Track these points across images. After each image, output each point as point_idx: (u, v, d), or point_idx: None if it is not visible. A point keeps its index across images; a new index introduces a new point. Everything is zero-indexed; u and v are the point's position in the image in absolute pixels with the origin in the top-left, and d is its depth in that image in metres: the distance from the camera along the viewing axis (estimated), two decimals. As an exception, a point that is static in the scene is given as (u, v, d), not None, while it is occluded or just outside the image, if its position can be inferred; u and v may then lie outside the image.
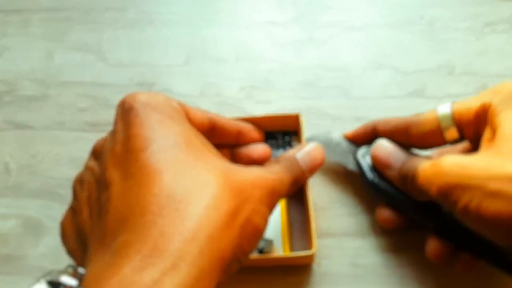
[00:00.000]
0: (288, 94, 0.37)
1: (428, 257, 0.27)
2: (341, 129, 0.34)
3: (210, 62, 0.38)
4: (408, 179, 0.25)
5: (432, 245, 0.26)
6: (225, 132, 0.26)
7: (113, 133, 0.21)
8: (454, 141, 0.26)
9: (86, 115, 0.37)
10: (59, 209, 0.33)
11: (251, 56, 0.39)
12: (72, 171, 0.34)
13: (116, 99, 0.37)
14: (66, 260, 0.32)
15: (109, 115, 0.36)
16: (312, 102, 0.36)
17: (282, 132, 0.33)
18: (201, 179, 0.18)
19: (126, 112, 0.20)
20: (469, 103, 0.25)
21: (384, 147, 0.28)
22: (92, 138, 0.36)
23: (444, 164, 0.22)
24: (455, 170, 0.22)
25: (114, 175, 0.18)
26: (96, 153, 0.22)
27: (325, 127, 0.35)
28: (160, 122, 0.20)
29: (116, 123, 0.21)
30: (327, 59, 0.38)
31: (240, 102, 0.36)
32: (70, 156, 0.35)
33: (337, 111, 0.36)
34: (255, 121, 0.31)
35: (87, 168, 0.22)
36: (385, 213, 0.29)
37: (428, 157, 0.26)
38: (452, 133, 0.25)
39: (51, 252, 0.32)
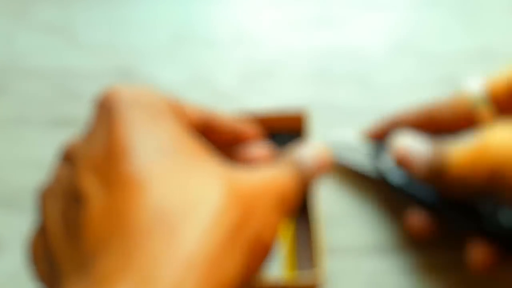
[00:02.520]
0: (295, 84, 0.36)
1: (472, 266, 0.27)
2: (358, 125, 0.34)
3: (201, 46, 0.38)
4: (438, 172, 0.26)
5: (478, 251, 0.26)
6: (222, 130, 0.26)
7: (89, 136, 0.21)
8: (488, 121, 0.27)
9: (53, 108, 0.36)
10: (20, 222, 0.32)
11: (251, 38, 0.38)
12: (35, 176, 0.34)
13: (89, 90, 0.38)
14: (29, 283, 0.31)
15: (80, 109, 0.36)
16: (324, 93, 0.36)
17: (284, 132, 0.33)
18: (199, 189, 0.18)
19: (106, 112, 0.20)
20: (507, 75, 0.26)
21: (403, 141, 0.28)
22: (61, 137, 0.36)
23: (491, 141, 0.23)
24: (509, 146, 0.22)
25: (91, 187, 0.18)
26: (67, 158, 0.22)
27: (339, 122, 0.35)
28: (147, 123, 0.19)
29: (93, 124, 0.21)
30: (341, 42, 0.38)
31: (237, 93, 0.36)
32: (33, 158, 0.35)
33: (354, 104, 0.35)
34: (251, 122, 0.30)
35: (56, 176, 0.21)
36: (417, 219, 0.28)
37: (457, 142, 0.27)
38: (487, 112, 0.26)
39: (11, 274, 0.31)
